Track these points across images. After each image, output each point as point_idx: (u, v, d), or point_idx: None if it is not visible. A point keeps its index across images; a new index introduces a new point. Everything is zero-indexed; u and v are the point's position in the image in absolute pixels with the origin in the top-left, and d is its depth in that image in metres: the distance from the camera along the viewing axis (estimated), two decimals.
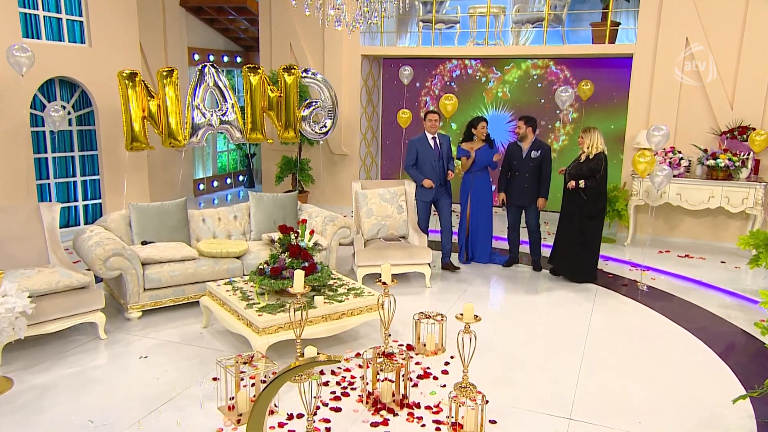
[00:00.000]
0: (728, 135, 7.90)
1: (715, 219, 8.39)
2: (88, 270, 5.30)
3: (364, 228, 6.77)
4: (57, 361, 4.60)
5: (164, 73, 6.99)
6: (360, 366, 4.59)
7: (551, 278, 6.87)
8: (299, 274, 4.25)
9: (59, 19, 7.85)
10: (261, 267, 4.87)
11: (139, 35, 8.88)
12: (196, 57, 11.18)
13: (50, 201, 8.32)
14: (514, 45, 9.71)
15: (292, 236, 4.94)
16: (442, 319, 4.90)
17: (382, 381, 4.09)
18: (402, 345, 4.95)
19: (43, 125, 7.95)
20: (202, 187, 11.70)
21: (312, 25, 10.04)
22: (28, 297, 4.28)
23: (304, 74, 7.79)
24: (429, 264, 6.53)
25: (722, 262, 7.68)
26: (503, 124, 10.00)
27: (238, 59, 12.32)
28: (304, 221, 5.05)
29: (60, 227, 8.12)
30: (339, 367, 4.55)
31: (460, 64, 10.38)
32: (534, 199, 6.88)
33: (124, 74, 6.91)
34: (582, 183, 6.33)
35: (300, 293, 4.23)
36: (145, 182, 9.25)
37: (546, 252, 7.29)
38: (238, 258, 5.93)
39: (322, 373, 4.47)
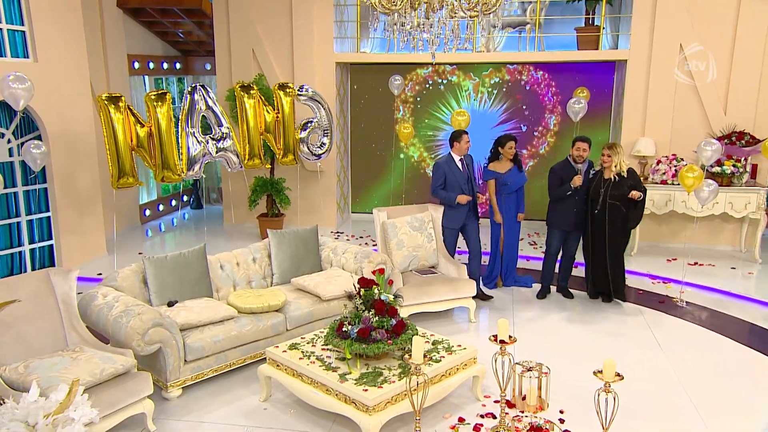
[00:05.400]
0: (726, 141, 8.22)
1: (711, 223, 8.73)
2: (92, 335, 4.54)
3: (395, 261, 6.35)
4: None
5: (153, 97, 6.16)
6: None
7: (586, 302, 6.78)
8: (418, 342, 3.83)
9: None
10: (345, 330, 4.35)
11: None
12: (137, 65, 10.13)
13: None
14: (487, 51, 9.59)
15: (375, 290, 4.46)
16: (543, 371, 4.61)
17: None
18: (497, 401, 4.63)
19: None
20: (148, 212, 10.66)
21: (278, 30, 9.40)
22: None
23: (300, 92, 7.20)
24: (473, 297, 6.26)
25: (732, 268, 8.00)
26: (490, 133, 9.84)
27: (178, 65, 11.33)
28: (382, 271, 4.58)
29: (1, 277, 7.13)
30: None
31: (435, 70, 10.13)
32: (581, 226, 6.70)
33: (104, 97, 6.02)
34: (640, 195, 6.26)
35: (420, 364, 3.82)
36: (99, 213, 8.25)
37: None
38: (278, 311, 5.33)
39: None
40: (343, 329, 4.36)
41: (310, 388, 4.28)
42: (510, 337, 4.21)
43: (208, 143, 6.54)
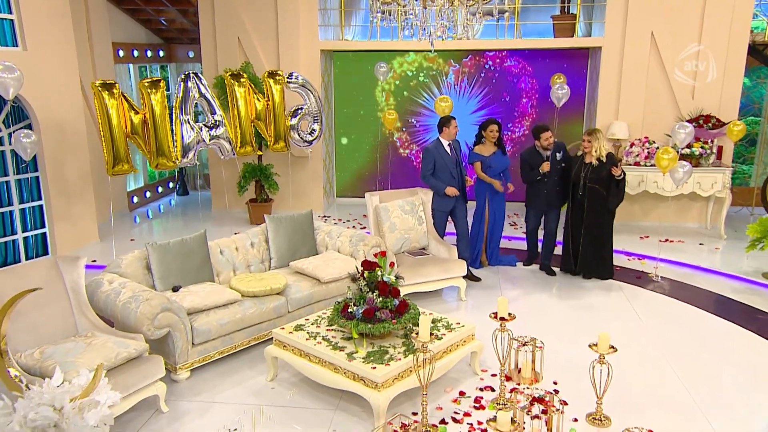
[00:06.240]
0: (694, 124, 8.39)
1: (679, 202, 8.95)
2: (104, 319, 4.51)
3: (388, 243, 6.39)
4: None
5: (147, 84, 6.05)
6: (476, 407, 4.32)
7: (567, 279, 6.92)
8: (425, 321, 3.88)
9: None
10: (350, 311, 4.38)
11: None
12: (121, 53, 9.90)
13: None
14: (466, 39, 9.58)
15: (378, 272, 4.49)
16: (537, 345, 4.71)
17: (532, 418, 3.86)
18: (494, 374, 4.73)
19: None
20: (135, 199, 10.49)
21: (263, 18, 9.27)
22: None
23: (289, 79, 7.14)
24: (464, 277, 6.34)
25: (700, 244, 8.23)
26: (470, 118, 9.90)
27: (161, 53, 11.10)
28: (384, 253, 4.61)
29: None
30: (456, 412, 4.25)
31: (415, 57, 10.11)
32: (557, 204, 6.86)
33: (98, 84, 5.89)
34: (621, 175, 6.38)
35: (427, 342, 3.88)
36: (91, 200, 8.09)
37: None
38: (279, 294, 5.33)
39: (443, 422, 4.15)
40: (349, 310, 4.39)
41: (318, 367, 4.31)
42: (509, 314, 4.29)
43: (201, 130, 6.45)
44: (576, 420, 4.16)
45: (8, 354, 3.36)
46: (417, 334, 3.91)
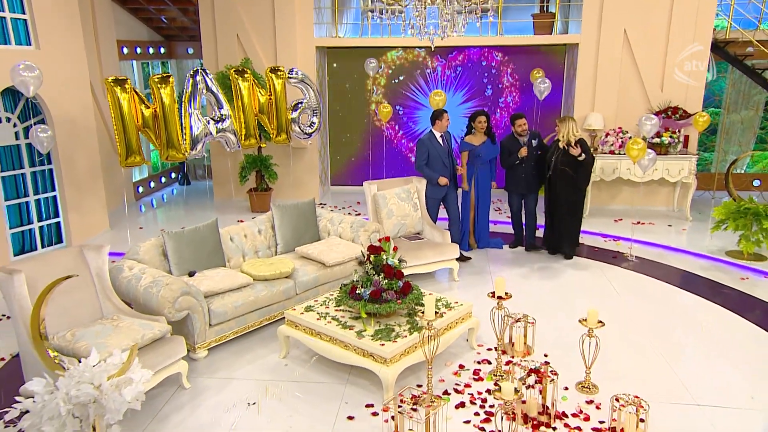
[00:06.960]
0: (663, 115, 8.53)
1: (648, 187, 9.10)
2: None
3: (385, 229, 6.43)
4: (158, 425, 3.88)
5: (157, 79, 5.99)
6: (475, 379, 4.42)
7: (550, 259, 7.02)
8: (430, 301, 3.94)
9: (2, 18, 6.38)
10: (358, 292, 4.43)
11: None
12: (125, 51, 9.75)
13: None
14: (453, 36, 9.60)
15: (383, 256, 4.54)
16: (529, 321, 4.80)
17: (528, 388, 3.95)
18: (490, 348, 4.83)
19: None
20: (141, 189, 10.39)
21: (261, 16, 9.17)
22: None
23: (290, 75, 7.11)
24: (457, 259, 6.41)
25: (669, 225, 8.40)
26: (456, 110, 9.92)
27: (162, 50, 10.95)
28: (387, 238, 4.65)
29: (15, 254, 6.93)
30: (458, 384, 4.33)
31: (404, 53, 10.10)
32: (534, 188, 6.98)
33: (111, 80, 5.82)
34: (582, 156, 6.49)
35: (432, 320, 3.94)
36: (101, 191, 8.01)
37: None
38: (287, 277, 5.36)
39: (446, 393, 4.23)
40: (357, 292, 4.44)
41: (328, 345, 4.36)
42: (506, 293, 4.38)
43: (209, 123, 6.41)
44: (566, 389, 4.26)
45: (47, 336, 3.36)
46: (422, 312, 3.97)
